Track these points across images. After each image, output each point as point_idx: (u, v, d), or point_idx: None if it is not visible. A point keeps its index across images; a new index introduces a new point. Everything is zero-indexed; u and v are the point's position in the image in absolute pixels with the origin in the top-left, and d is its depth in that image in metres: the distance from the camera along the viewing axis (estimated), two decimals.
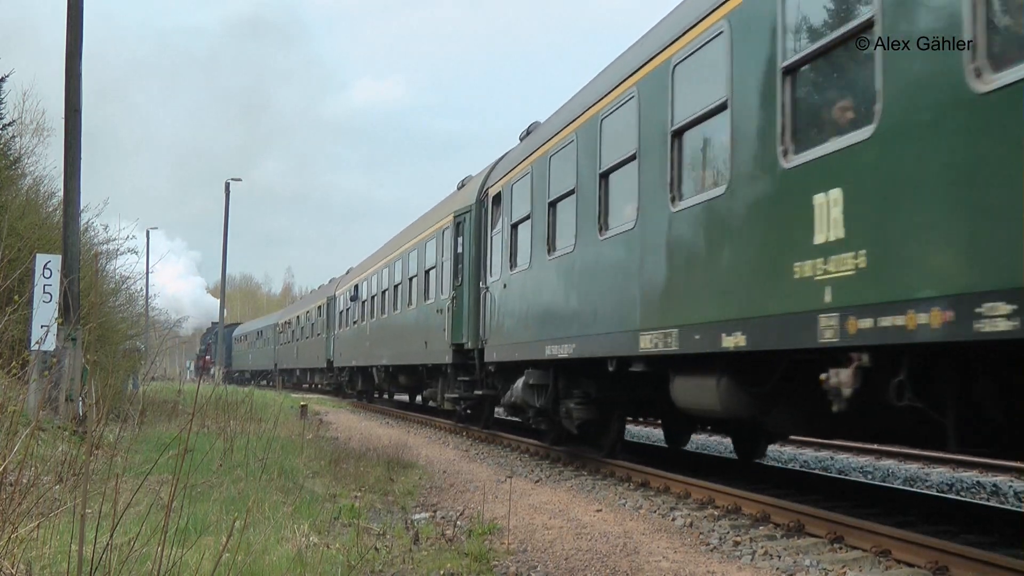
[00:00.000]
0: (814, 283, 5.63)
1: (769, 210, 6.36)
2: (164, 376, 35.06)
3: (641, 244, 8.45)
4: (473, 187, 15.95)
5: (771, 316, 6.17)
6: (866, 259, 5.17)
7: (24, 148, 20.69)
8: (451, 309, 15.91)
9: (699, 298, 7.30)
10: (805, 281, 5.74)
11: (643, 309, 8.35)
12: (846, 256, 5.33)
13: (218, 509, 6.64)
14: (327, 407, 27.73)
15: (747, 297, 6.53)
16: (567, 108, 11.30)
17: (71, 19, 13.22)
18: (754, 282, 6.45)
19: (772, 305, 6.17)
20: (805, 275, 5.74)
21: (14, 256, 12.55)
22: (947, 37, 4.66)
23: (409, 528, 6.88)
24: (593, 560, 6.11)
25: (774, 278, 6.14)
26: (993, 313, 4.23)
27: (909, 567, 5.84)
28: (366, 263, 28.96)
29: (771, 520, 7.48)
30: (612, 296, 9.12)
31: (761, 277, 6.36)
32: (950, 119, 4.63)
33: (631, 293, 8.65)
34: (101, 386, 11.86)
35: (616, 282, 9.02)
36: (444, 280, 16.88)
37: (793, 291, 5.87)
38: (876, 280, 5.07)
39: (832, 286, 5.45)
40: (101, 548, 3.78)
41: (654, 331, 8.06)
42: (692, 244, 7.58)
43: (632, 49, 9.48)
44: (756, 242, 6.49)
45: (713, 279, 7.09)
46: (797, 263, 5.83)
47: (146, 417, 13.35)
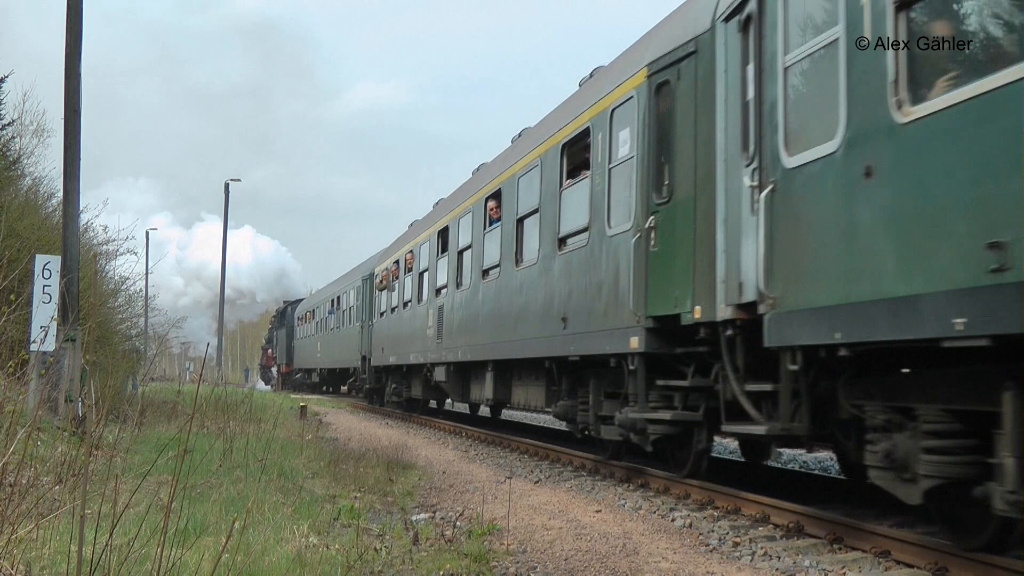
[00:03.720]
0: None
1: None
2: (164, 377, 35.02)
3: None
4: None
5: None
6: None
7: (23, 148, 20.71)
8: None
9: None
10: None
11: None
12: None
13: (218, 510, 6.64)
14: (326, 407, 27.71)
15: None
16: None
17: (71, 19, 13.22)
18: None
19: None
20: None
21: (13, 257, 12.53)
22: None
23: (409, 529, 6.88)
24: (593, 561, 6.10)
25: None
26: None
27: (909, 568, 5.84)
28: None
29: (771, 521, 7.47)
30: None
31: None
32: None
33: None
34: (100, 387, 11.85)
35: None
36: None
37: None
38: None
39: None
40: (100, 549, 3.77)
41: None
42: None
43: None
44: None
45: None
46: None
47: (145, 418, 13.34)
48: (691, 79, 8.10)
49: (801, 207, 6.19)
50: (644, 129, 8.85)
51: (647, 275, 8.64)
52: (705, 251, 7.70)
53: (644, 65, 8.91)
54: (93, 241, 19.71)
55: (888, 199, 5.24)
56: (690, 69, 8.13)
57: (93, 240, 19.72)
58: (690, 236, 7.99)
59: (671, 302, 8.26)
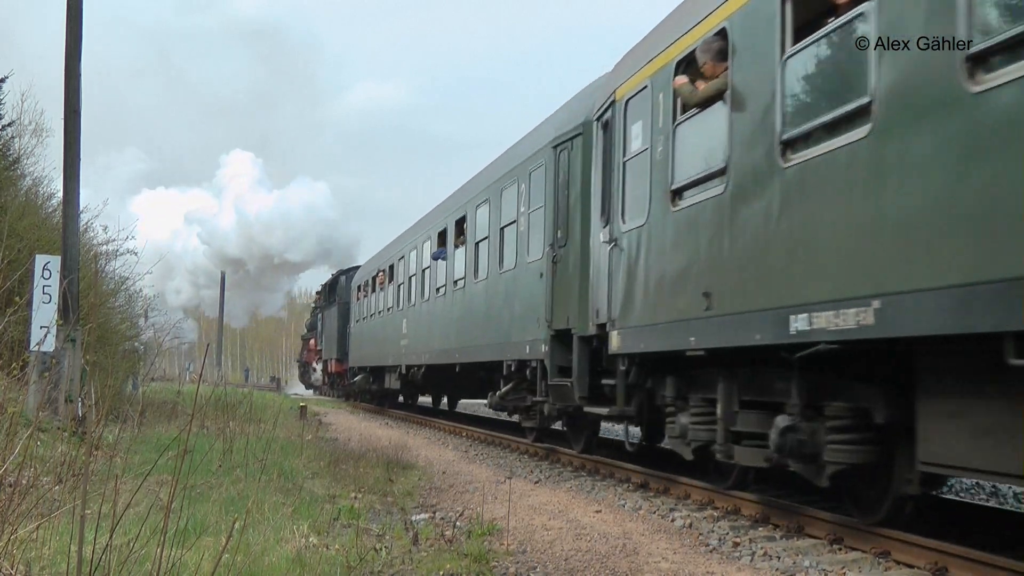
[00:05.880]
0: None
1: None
2: (164, 377, 34.87)
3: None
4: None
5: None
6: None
7: (23, 149, 20.70)
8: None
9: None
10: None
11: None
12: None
13: (217, 510, 6.64)
14: (326, 408, 27.69)
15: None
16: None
17: (71, 19, 13.22)
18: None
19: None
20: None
21: (14, 257, 12.54)
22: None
23: (408, 529, 6.88)
24: (593, 561, 6.10)
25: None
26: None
27: (909, 568, 5.84)
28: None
29: (771, 521, 7.47)
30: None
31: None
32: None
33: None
34: (100, 387, 11.86)
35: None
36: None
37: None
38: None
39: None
40: (100, 549, 3.78)
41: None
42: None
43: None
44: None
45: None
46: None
47: (145, 418, 13.34)
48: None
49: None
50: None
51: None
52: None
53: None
54: (93, 241, 19.69)
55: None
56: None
57: (93, 240, 19.71)
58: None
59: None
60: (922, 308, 4.84)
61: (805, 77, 6.16)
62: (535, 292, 11.95)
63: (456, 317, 16.42)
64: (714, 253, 7.14)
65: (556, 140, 11.56)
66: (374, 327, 25.46)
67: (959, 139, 4.63)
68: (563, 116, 12.02)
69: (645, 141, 8.55)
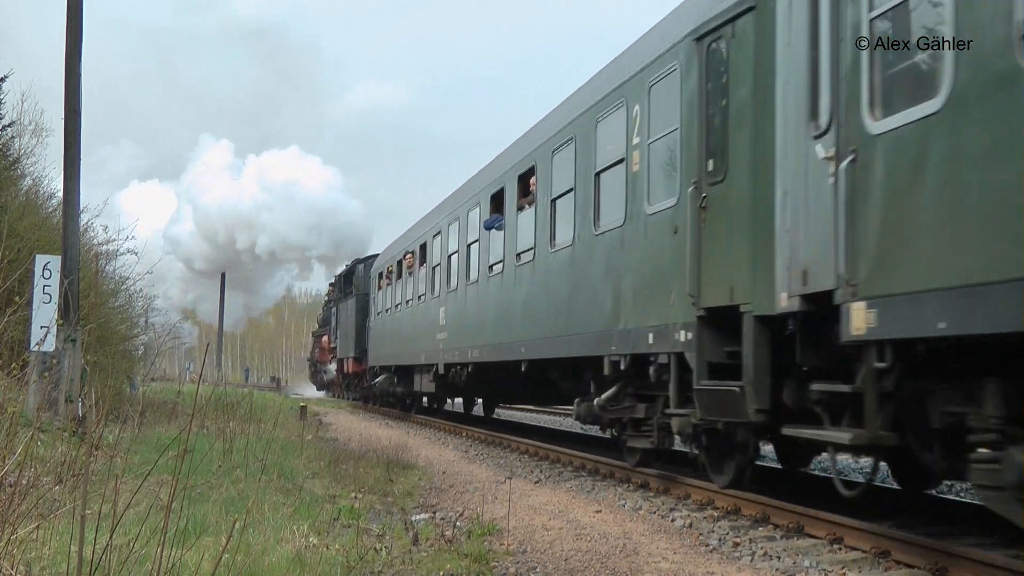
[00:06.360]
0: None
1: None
2: (164, 377, 34.81)
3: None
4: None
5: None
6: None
7: (23, 149, 20.71)
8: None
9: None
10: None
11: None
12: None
13: (218, 510, 6.64)
14: (326, 408, 27.70)
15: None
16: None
17: (71, 19, 13.23)
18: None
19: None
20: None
21: (14, 257, 12.54)
22: None
23: (409, 529, 6.88)
24: (593, 561, 6.11)
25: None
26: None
27: (909, 568, 5.84)
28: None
29: (770, 521, 7.47)
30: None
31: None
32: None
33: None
34: (101, 387, 11.86)
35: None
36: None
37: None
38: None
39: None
40: (101, 549, 3.78)
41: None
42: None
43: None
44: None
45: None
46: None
47: (146, 418, 13.35)
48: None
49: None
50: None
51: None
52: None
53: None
54: (93, 241, 19.70)
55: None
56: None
57: (93, 240, 19.71)
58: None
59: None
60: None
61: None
62: (663, 255, 8.60)
63: (521, 300, 12.91)
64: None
65: (702, 29, 7.97)
66: (401, 320, 21.80)
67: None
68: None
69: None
